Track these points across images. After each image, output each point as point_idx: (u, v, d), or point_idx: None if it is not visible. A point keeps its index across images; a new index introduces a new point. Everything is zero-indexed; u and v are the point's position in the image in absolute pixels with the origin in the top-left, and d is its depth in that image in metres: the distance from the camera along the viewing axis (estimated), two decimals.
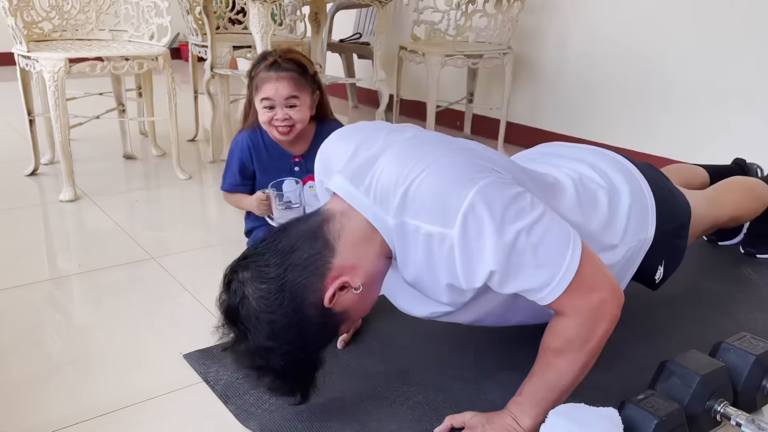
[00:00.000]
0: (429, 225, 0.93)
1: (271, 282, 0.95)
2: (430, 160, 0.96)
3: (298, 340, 0.96)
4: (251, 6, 2.18)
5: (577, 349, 0.99)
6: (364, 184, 1.01)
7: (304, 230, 1.00)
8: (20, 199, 2.20)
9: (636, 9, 2.59)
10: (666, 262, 1.33)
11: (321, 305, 0.96)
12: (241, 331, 0.97)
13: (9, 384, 1.21)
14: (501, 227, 0.90)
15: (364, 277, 0.99)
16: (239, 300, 0.96)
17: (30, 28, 2.37)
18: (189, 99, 3.05)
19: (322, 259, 0.96)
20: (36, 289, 1.58)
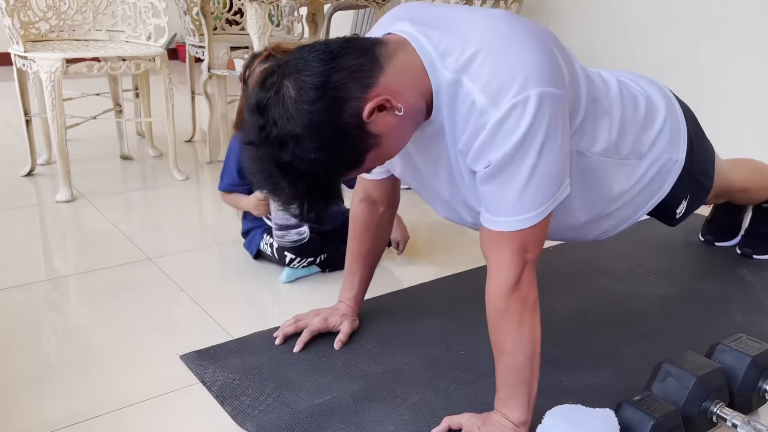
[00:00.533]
0: (479, 94, 0.93)
1: (315, 76, 0.89)
2: (515, 38, 0.95)
3: (331, 139, 0.90)
4: (248, 7, 2.18)
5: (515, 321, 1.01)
6: (432, 35, 0.98)
7: (355, 44, 0.95)
8: (17, 200, 2.20)
9: (632, 9, 2.59)
10: (690, 197, 1.33)
11: (359, 116, 0.91)
12: (272, 120, 0.89)
13: (6, 385, 1.20)
14: (526, 138, 0.92)
15: (405, 104, 0.95)
16: (277, 88, 0.90)
17: (27, 28, 2.36)
18: (186, 99, 3.05)
19: (370, 72, 0.92)
20: (32, 290, 1.58)
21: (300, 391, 1.19)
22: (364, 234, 1.37)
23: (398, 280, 1.70)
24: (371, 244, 1.38)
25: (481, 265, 1.75)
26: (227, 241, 1.91)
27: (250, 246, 1.75)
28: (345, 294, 1.41)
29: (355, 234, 1.38)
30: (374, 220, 1.36)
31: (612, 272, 1.73)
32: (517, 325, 1.01)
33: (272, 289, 1.63)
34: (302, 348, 1.32)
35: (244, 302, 1.57)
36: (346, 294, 1.41)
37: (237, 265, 1.75)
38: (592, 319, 1.50)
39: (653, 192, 1.26)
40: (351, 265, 1.40)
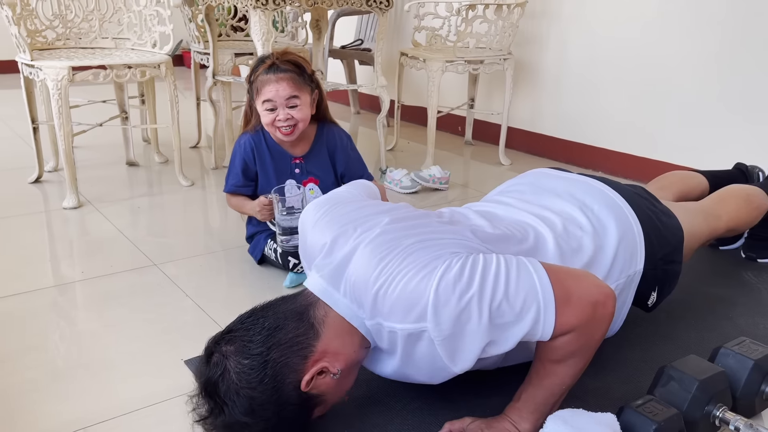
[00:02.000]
0: (403, 324, 0.96)
1: (254, 358, 0.96)
2: (394, 262, 0.97)
3: (274, 418, 0.97)
4: (252, 13, 2.19)
5: (578, 356, 1.01)
6: (340, 285, 1.03)
7: (290, 310, 1.02)
8: (24, 207, 2.22)
9: (636, 13, 2.59)
10: (659, 287, 1.34)
11: (298, 389, 0.97)
12: (218, 405, 0.96)
13: (12, 390, 1.21)
14: (471, 308, 0.92)
15: (344, 363, 1.01)
16: (220, 373, 0.96)
17: (34, 36, 2.39)
18: (192, 106, 3.07)
19: (306, 341, 0.99)
20: (40, 296, 1.59)
21: None
22: None
23: None
24: None
25: None
26: (232, 246, 1.92)
27: (254, 251, 1.76)
28: None
29: None
30: None
31: None
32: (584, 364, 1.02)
33: (276, 293, 1.62)
34: None
35: (248, 307, 1.56)
36: None
37: (241, 270, 1.76)
38: None
39: (620, 307, 1.27)
40: None
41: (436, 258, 0.97)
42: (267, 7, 2.15)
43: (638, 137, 2.68)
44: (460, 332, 0.93)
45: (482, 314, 0.92)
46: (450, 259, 0.96)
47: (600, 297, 1.00)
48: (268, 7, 2.15)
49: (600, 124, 2.81)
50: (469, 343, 0.94)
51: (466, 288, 0.92)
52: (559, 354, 1.00)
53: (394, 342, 1.00)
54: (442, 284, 0.92)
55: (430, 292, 0.92)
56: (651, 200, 1.39)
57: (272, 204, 1.58)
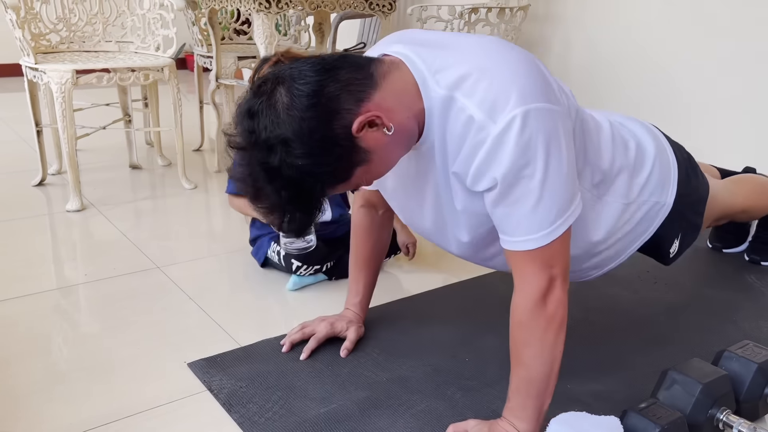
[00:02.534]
0: (476, 109, 0.93)
1: (309, 85, 0.90)
2: (508, 58, 0.96)
3: (319, 148, 0.90)
4: (255, 17, 2.20)
5: (538, 336, 1.00)
6: (426, 55, 0.98)
7: (351, 59, 0.96)
8: (28, 209, 2.22)
9: (637, 16, 2.60)
10: (682, 235, 1.33)
11: (349, 128, 0.91)
12: (263, 125, 0.89)
13: (15, 392, 1.22)
14: (529, 152, 0.92)
15: (397, 125, 0.95)
16: (269, 95, 0.90)
17: (37, 40, 2.40)
18: (195, 109, 3.07)
19: (363, 87, 0.92)
20: (43, 299, 1.60)
21: (306, 399, 1.19)
22: (365, 238, 1.38)
23: (405, 287, 1.70)
24: (373, 247, 1.39)
25: (488, 273, 1.75)
26: (235, 249, 1.93)
27: (257, 254, 1.76)
28: (350, 301, 1.42)
29: (357, 240, 1.39)
30: (374, 222, 1.37)
31: (619, 279, 1.72)
32: (538, 340, 1.01)
33: (279, 296, 1.64)
34: (308, 355, 1.33)
35: (251, 310, 1.58)
36: (351, 301, 1.42)
37: (244, 273, 1.77)
38: (599, 325, 1.50)
39: (639, 234, 1.26)
40: (354, 271, 1.41)
41: (546, 93, 0.96)
42: (270, 11, 2.16)
43: None
44: (501, 155, 0.92)
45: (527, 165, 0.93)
46: (556, 107, 0.96)
47: (562, 276, 1.00)
48: (271, 10, 2.16)
49: None
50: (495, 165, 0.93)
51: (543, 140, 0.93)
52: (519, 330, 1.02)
53: (456, 123, 0.95)
54: (535, 114, 0.92)
55: (522, 106, 0.91)
56: (685, 150, 1.38)
57: None
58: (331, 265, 1.68)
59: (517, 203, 0.96)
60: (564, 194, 0.98)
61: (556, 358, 1.02)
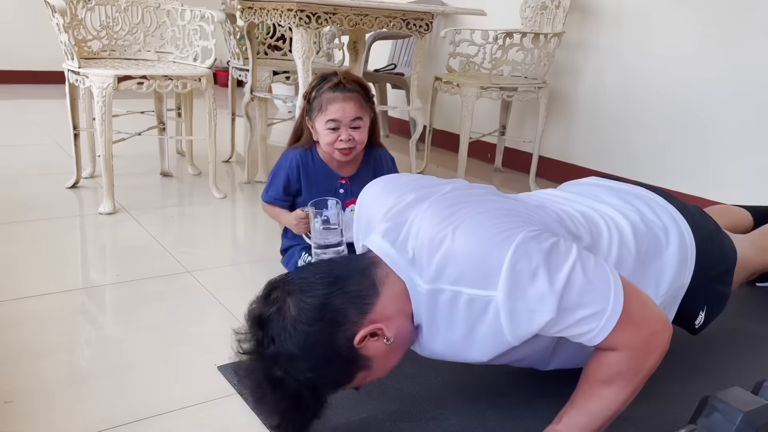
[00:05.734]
0: (470, 289, 0.94)
1: (316, 298, 0.95)
2: (464, 221, 0.97)
3: (322, 361, 0.95)
4: (295, 31, 2.23)
5: (626, 380, 0.99)
6: (402, 246, 1.02)
7: (355, 265, 1.02)
8: (61, 210, 2.25)
9: (672, 49, 2.60)
10: (708, 307, 1.32)
11: (351, 341, 0.96)
12: (269, 337, 0.95)
13: (46, 386, 1.22)
14: (545, 277, 0.91)
15: (396, 332, 1.00)
16: (278, 306, 0.96)
17: (80, 46, 2.45)
18: (224, 121, 3.11)
19: (368, 298, 0.98)
20: (74, 296, 1.61)
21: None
22: None
23: None
24: None
25: None
26: (263, 259, 1.93)
27: (288, 263, 1.77)
28: None
29: None
30: None
31: None
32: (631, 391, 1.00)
33: None
34: None
35: None
36: None
37: None
38: None
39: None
40: None
41: (515, 225, 0.95)
42: (309, 26, 2.19)
43: (674, 171, 2.66)
44: (526, 303, 0.91)
45: (555, 288, 0.90)
46: (529, 229, 0.95)
47: (659, 326, 0.99)
48: (310, 25, 2.19)
49: (633, 157, 2.80)
50: (534, 317, 0.91)
51: (544, 259, 0.91)
52: (607, 373, 0.98)
53: (451, 310, 0.97)
54: (521, 251, 0.91)
55: (506, 257, 0.90)
56: (708, 219, 1.37)
57: (309, 217, 1.59)
58: None
59: (570, 311, 0.93)
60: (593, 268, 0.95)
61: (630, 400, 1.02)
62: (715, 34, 2.46)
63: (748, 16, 2.36)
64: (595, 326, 0.94)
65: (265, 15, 2.37)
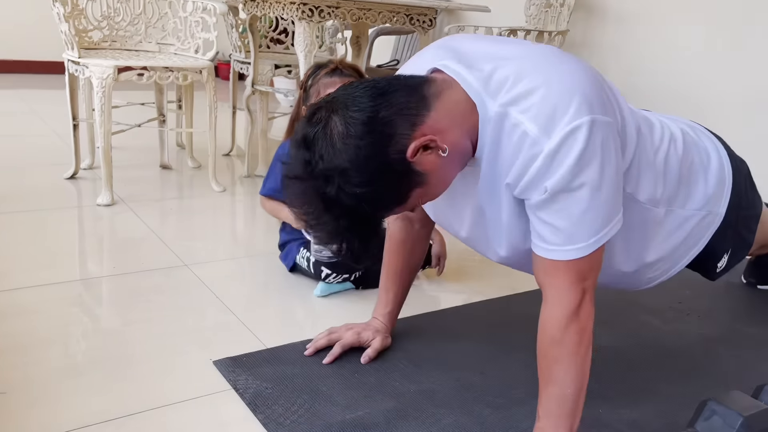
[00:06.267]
0: (531, 124, 0.93)
1: (363, 111, 0.90)
2: (564, 69, 0.96)
3: (377, 174, 0.91)
4: (297, 24, 2.22)
5: (571, 351, 0.99)
6: (478, 71, 0.98)
7: (403, 81, 0.96)
8: (59, 201, 2.24)
9: (676, 49, 2.58)
10: (732, 251, 1.30)
11: (404, 153, 0.91)
12: (318, 155, 0.90)
13: (41, 378, 1.21)
14: (582, 165, 0.92)
15: (452, 145, 0.95)
16: (324, 123, 0.91)
17: (81, 36, 2.43)
18: (225, 115, 3.09)
19: (417, 110, 0.93)
20: (70, 288, 1.60)
21: (332, 405, 1.17)
22: (399, 251, 1.37)
23: (432, 301, 1.68)
24: (406, 261, 1.38)
25: (515, 293, 1.73)
26: (261, 253, 1.92)
27: (286, 259, 1.76)
28: (379, 311, 1.41)
29: (390, 251, 1.38)
30: (410, 237, 1.36)
31: (651, 308, 1.69)
32: (572, 356, 0.99)
33: (306, 302, 1.63)
34: (332, 360, 1.31)
35: (277, 313, 1.57)
36: (380, 311, 1.40)
37: (272, 278, 1.76)
38: (631, 353, 1.47)
39: (691, 245, 1.24)
40: (386, 282, 1.40)
41: (604, 104, 0.95)
42: (312, 19, 2.18)
43: None
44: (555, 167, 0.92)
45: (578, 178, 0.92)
46: (612, 118, 0.96)
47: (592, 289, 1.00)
48: (313, 19, 2.18)
49: None
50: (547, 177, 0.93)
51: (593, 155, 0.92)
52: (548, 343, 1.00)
53: (510, 138, 0.95)
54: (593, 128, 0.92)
55: (579, 121, 0.91)
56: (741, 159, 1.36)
57: None
58: (359, 274, 1.67)
59: (562, 212, 0.95)
60: (608, 209, 0.97)
61: (586, 374, 1.01)
62: (720, 34, 2.45)
63: (754, 17, 2.34)
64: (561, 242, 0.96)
65: (268, 8, 2.35)
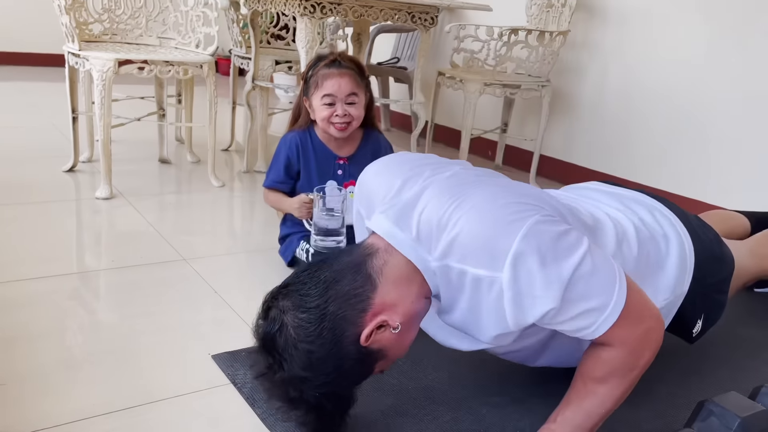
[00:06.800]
0: (476, 269, 0.92)
1: (311, 312, 0.94)
2: (474, 200, 0.95)
3: (334, 372, 0.95)
4: (299, 20, 2.21)
5: (620, 376, 0.98)
6: (407, 225, 1.00)
7: (346, 262, 0.99)
8: (57, 194, 2.24)
9: (677, 52, 2.58)
10: (705, 315, 1.31)
11: (358, 343, 0.95)
12: (276, 361, 0.95)
13: (37, 369, 1.21)
14: (553, 265, 0.89)
15: (404, 316, 0.98)
16: (277, 328, 0.95)
17: (81, 28, 2.42)
18: (225, 110, 3.09)
19: (364, 294, 0.96)
20: (68, 281, 1.60)
21: None
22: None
23: None
24: None
25: None
26: (260, 249, 1.92)
27: (285, 252, 1.76)
28: None
29: None
30: None
31: None
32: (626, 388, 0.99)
33: None
34: None
35: None
36: None
37: (271, 273, 1.76)
38: None
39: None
40: None
41: (528, 207, 0.94)
42: (314, 16, 2.17)
43: (675, 174, 2.65)
44: (531, 289, 0.89)
45: (561, 277, 0.88)
46: (543, 212, 0.93)
47: (654, 322, 0.98)
48: (315, 15, 2.17)
49: (634, 158, 2.79)
50: (537, 303, 0.90)
51: (554, 246, 0.89)
52: (602, 370, 0.98)
53: (461, 285, 0.95)
54: (531, 234, 0.89)
55: (515, 240, 0.88)
56: (708, 228, 1.36)
57: (312, 202, 1.58)
58: None
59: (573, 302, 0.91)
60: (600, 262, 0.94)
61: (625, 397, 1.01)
62: (721, 38, 2.45)
63: (756, 20, 2.34)
64: (596, 320, 0.93)
65: (269, 3, 2.35)
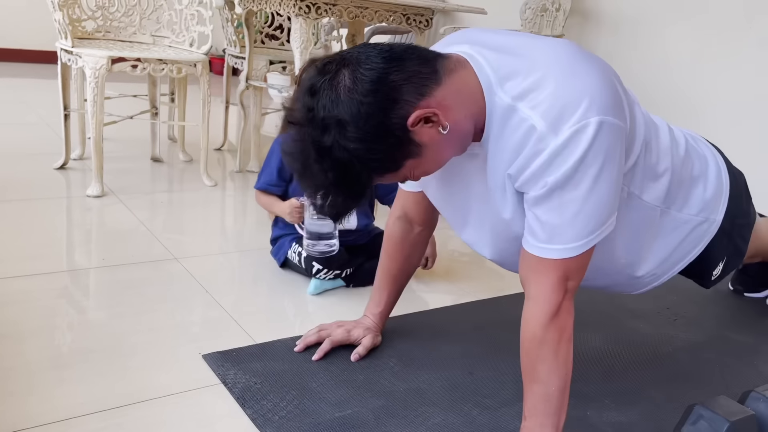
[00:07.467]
0: (539, 119, 0.93)
1: (374, 71, 0.89)
2: (578, 67, 0.96)
3: (372, 134, 0.90)
4: (294, 21, 2.21)
5: (552, 350, 0.99)
6: (494, 59, 0.98)
7: (419, 52, 0.96)
8: (48, 191, 2.22)
9: (669, 58, 2.60)
10: (727, 259, 1.32)
11: (405, 121, 0.91)
12: (320, 104, 0.89)
13: (26, 368, 1.20)
14: (584, 165, 0.92)
15: (453, 123, 0.94)
16: (333, 75, 0.90)
17: (74, 25, 2.41)
18: (218, 109, 3.08)
19: (426, 81, 0.92)
20: (57, 279, 1.59)
21: (321, 402, 1.17)
22: (396, 253, 1.36)
23: (421, 301, 1.69)
24: (402, 263, 1.37)
25: (503, 295, 1.74)
26: (252, 249, 1.91)
27: (277, 254, 1.75)
28: (371, 309, 1.40)
29: (387, 252, 1.37)
30: (409, 239, 1.35)
31: (639, 313, 1.70)
32: (553, 354, 1.00)
33: (296, 299, 1.63)
34: (321, 357, 1.31)
35: (267, 309, 1.57)
36: (372, 309, 1.40)
37: (262, 273, 1.75)
38: (619, 357, 1.47)
39: (688, 250, 1.25)
40: (380, 281, 1.39)
41: (616, 105, 0.96)
42: (309, 16, 2.17)
43: None
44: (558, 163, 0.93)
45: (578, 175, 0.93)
46: (621, 121, 0.96)
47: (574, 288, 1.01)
48: (310, 15, 2.17)
49: None
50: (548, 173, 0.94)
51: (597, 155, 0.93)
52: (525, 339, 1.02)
53: (515, 132, 0.95)
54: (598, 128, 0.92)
55: (585, 119, 0.91)
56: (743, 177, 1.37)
57: (303, 207, 1.57)
58: (350, 272, 1.67)
59: (557, 209, 0.96)
60: (604, 211, 0.98)
61: (569, 371, 1.02)
62: (713, 44, 2.47)
63: (747, 27, 2.36)
64: (551, 239, 0.96)
65: (264, 3, 2.35)
